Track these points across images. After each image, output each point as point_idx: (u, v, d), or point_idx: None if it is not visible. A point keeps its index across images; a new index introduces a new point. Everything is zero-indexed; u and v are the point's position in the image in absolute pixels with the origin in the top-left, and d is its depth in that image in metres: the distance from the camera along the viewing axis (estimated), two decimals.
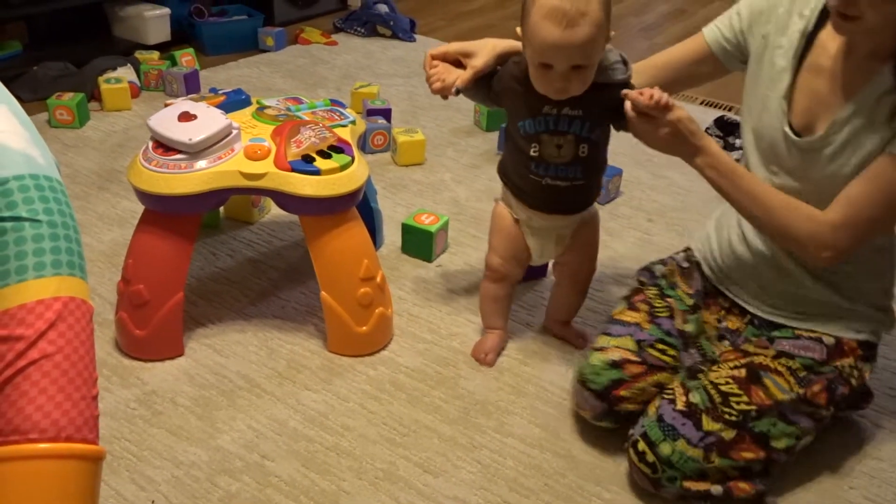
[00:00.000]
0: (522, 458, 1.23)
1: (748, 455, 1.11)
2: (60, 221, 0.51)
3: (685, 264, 1.37)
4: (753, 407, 1.13)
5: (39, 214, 0.50)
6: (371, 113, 2.20)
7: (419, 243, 1.70)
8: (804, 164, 1.14)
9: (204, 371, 1.37)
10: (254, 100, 1.50)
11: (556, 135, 1.23)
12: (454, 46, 1.31)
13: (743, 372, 1.18)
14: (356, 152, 1.39)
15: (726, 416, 1.12)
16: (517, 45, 1.25)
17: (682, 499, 1.13)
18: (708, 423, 1.12)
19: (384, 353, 1.44)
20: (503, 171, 1.36)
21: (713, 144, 1.16)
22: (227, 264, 1.66)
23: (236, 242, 1.74)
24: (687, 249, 1.40)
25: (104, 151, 2.08)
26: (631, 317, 1.29)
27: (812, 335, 1.21)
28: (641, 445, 1.13)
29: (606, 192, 1.93)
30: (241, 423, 1.26)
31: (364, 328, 1.40)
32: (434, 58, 1.32)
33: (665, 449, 1.11)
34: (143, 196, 1.31)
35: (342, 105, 1.57)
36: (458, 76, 1.29)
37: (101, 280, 1.57)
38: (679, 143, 1.14)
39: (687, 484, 1.11)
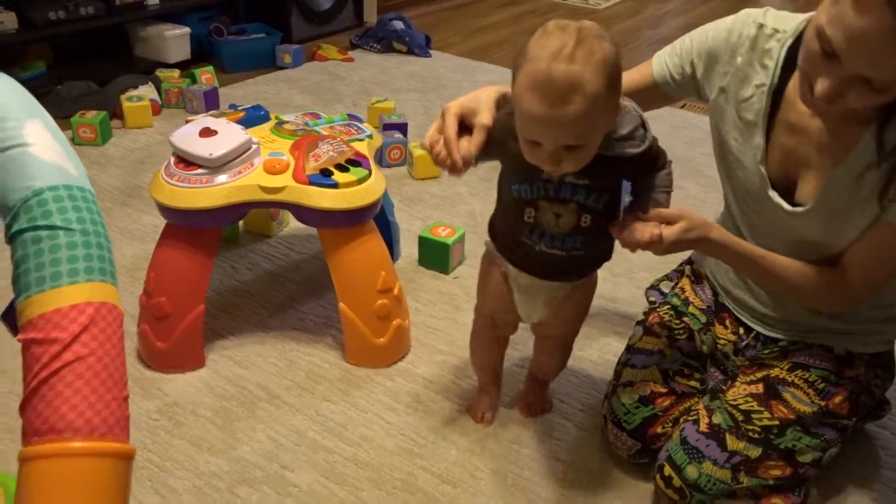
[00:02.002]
0: (541, 469, 1.23)
1: (776, 472, 1.10)
2: (92, 230, 0.54)
3: (693, 277, 1.36)
4: (776, 422, 1.13)
5: (73, 223, 0.53)
6: (388, 127, 2.23)
7: (436, 256, 1.71)
8: (788, 227, 1.12)
9: (224, 382, 1.39)
10: (272, 115, 1.53)
11: (556, 202, 1.04)
12: (452, 115, 1.06)
13: (760, 387, 1.17)
14: (373, 166, 1.41)
15: (750, 434, 1.12)
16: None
17: None
18: (732, 443, 1.11)
19: (402, 364, 1.45)
20: (492, 228, 1.19)
21: (714, 233, 1.07)
22: (247, 277, 1.69)
23: (255, 256, 1.76)
24: (690, 262, 1.40)
25: (126, 168, 2.12)
26: (652, 343, 1.28)
27: (823, 345, 1.20)
28: (668, 470, 1.12)
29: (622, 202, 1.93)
30: (260, 434, 1.28)
31: (382, 339, 1.41)
32: (433, 142, 1.06)
33: (692, 472, 1.10)
34: (165, 210, 1.34)
35: (359, 120, 1.59)
36: (468, 146, 1.04)
37: (123, 293, 1.58)
38: (700, 231, 1.06)
39: None
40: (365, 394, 1.38)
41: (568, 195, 1.03)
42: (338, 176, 1.34)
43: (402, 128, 2.24)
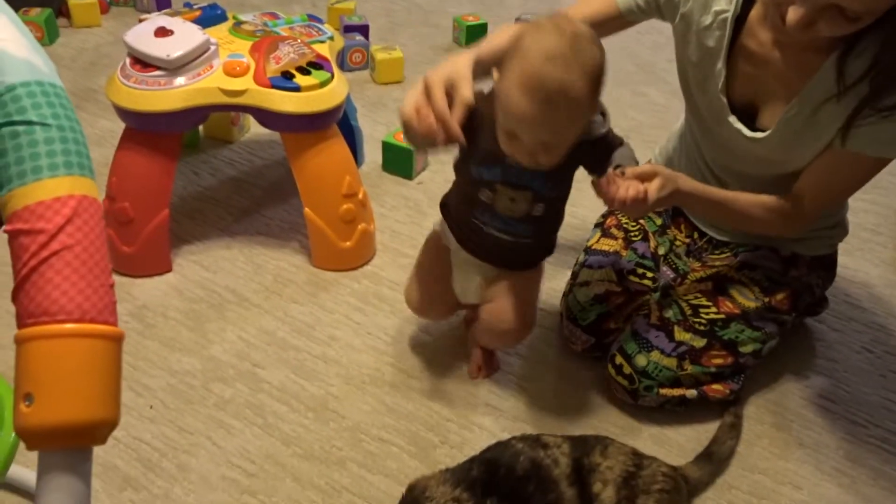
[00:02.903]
0: (501, 363, 1.30)
1: (718, 361, 1.19)
2: (68, 125, 0.55)
3: None
4: (721, 316, 1.20)
5: (48, 119, 0.53)
6: (348, 29, 2.17)
7: (400, 161, 1.72)
8: (748, 149, 1.14)
9: (192, 286, 1.41)
10: (229, 14, 1.48)
11: (514, 188, 1.05)
12: (440, 88, 1.00)
13: (709, 284, 1.24)
14: (335, 69, 1.39)
15: (696, 326, 1.19)
16: (490, 50, 1.03)
17: (660, 406, 1.20)
18: (679, 334, 1.19)
19: (367, 267, 1.48)
20: (445, 206, 1.20)
21: (682, 182, 1.07)
22: (209, 183, 1.68)
23: (217, 161, 1.75)
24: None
25: (77, 70, 2.04)
26: (608, 245, 1.33)
27: (770, 247, 1.27)
28: (619, 359, 1.20)
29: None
30: (231, 335, 1.31)
31: (348, 243, 1.44)
32: (423, 113, 1.00)
33: (641, 360, 1.18)
34: (124, 113, 1.31)
35: (320, 21, 1.55)
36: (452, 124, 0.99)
37: None
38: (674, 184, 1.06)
39: (663, 391, 1.18)
40: (332, 296, 1.41)
41: (525, 181, 1.05)
42: (299, 79, 1.32)
43: (364, 30, 2.19)
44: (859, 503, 1.11)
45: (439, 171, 1.77)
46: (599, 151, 1.04)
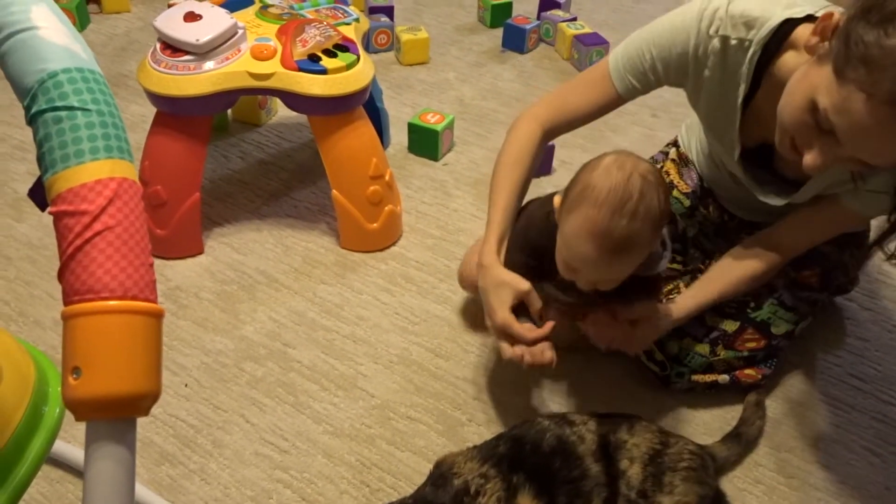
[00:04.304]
0: None
1: (751, 344, 1.18)
2: (107, 110, 0.57)
3: (678, 160, 1.39)
4: (751, 296, 1.19)
5: (89, 104, 0.56)
6: (373, 11, 2.17)
7: (425, 142, 1.73)
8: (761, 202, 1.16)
9: (224, 267, 1.44)
10: None
11: (567, 292, 1.09)
12: (506, 316, 1.05)
13: None
14: (361, 51, 1.40)
15: (727, 310, 1.19)
16: (504, 219, 1.12)
17: (690, 391, 1.20)
18: (711, 319, 1.18)
19: (394, 248, 1.50)
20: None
21: (679, 310, 1.13)
22: (239, 166, 1.70)
23: (246, 145, 1.77)
24: (676, 143, 1.42)
25: (108, 56, 2.07)
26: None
27: None
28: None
29: None
30: (262, 315, 1.34)
31: (375, 225, 1.45)
32: (516, 357, 1.06)
33: (672, 347, 1.17)
34: (155, 98, 1.34)
35: (345, 2, 1.56)
36: (538, 333, 1.05)
37: None
38: (664, 328, 1.13)
39: (695, 378, 1.18)
40: (360, 277, 1.43)
41: (573, 297, 1.09)
42: (326, 61, 1.33)
43: (389, 11, 2.19)
44: (889, 482, 1.11)
45: (465, 153, 1.78)
46: (644, 288, 1.08)
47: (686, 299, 1.15)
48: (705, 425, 1.18)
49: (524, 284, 1.06)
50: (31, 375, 0.64)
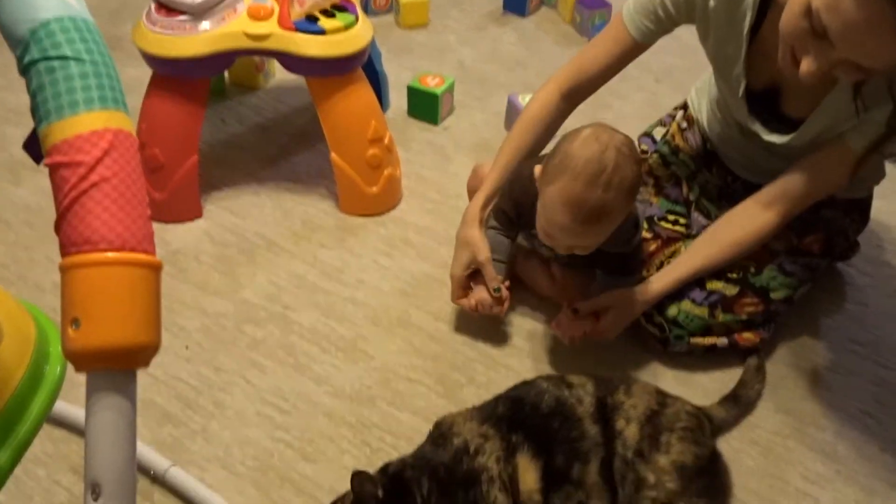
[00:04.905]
0: (529, 308, 1.31)
1: (750, 309, 1.18)
2: (101, 60, 0.56)
3: (684, 124, 1.38)
4: (752, 262, 1.19)
5: (82, 54, 0.55)
6: None
7: (425, 106, 1.71)
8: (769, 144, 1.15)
9: (223, 231, 1.43)
10: None
11: (545, 247, 1.17)
12: (458, 274, 1.20)
13: None
14: (360, 11, 1.37)
15: (728, 275, 1.18)
16: (496, 183, 1.20)
17: (689, 353, 1.21)
18: (711, 283, 1.18)
19: (394, 212, 1.49)
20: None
21: (655, 289, 1.15)
22: (237, 130, 1.69)
23: (243, 108, 1.75)
24: (685, 106, 1.41)
25: (103, 17, 2.04)
26: (640, 192, 1.32)
27: None
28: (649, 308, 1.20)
29: None
30: (261, 278, 1.34)
31: (374, 189, 1.44)
32: (459, 297, 1.22)
33: (672, 310, 1.18)
34: (151, 59, 1.32)
35: None
36: (492, 289, 1.17)
37: None
38: (631, 314, 1.17)
39: (694, 340, 1.19)
40: (360, 240, 1.43)
41: (548, 250, 1.19)
42: (324, 22, 1.31)
43: None
44: (885, 444, 1.12)
45: (465, 116, 1.76)
46: (618, 265, 1.18)
47: (666, 274, 1.16)
48: (703, 387, 1.18)
49: (483, 254, 1.17)
50: (32, 335, 0.64)
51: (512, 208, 1.19)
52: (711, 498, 0.97)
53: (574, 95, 1.21)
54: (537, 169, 1.07)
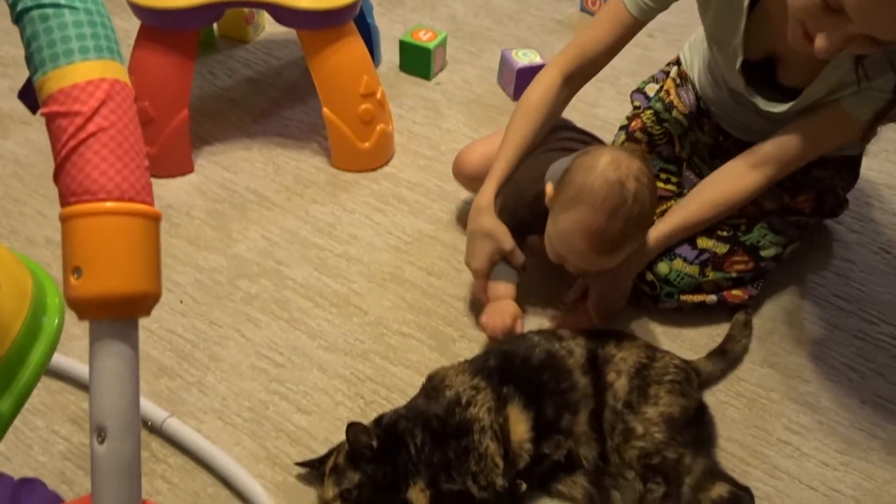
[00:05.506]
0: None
1: (740, 266, 1.20)
2: (94, 9, 0.55)
3: (678, 80, 1.38)
4: (743, 220, 1.20)
5: (76, 2, 0.54)
6: None
7: (417, 61, 1.69)
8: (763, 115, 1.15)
9: (215, 186, 1.43)
10: None
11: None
12: (484, 267, 1.15)
13: None
14: None
15: (719, 233, 1.20)
16: (506, 167, 1.16)
17: (678, 310, 1.22)
18: (702, 241, 1.19)
19: (386, 168, 1.49)
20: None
21: (642, 257, 1.16)
22: (227, 84, 1.67)
23: (233, 62, 1.73)
24: (678, 62, 1.40)
25: None
26: (632, 149, 1.32)
27: None
28: None
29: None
30: (254, 234, 1.34)
31: (366, 144, 1.44)
32: (483, 290, 1.17)
33: (663, 268, 1.19)
34: (139, 10, 1.30)
35: None
36: (509, 278, 1.16)
37: None
38: (631, 273, 1.17)
39: (684, 297, 1.20)
40: (352, 196, 1.43)
41: None
42: None
43: None
44: (865, 397, 1.15)
45: (457, 71, 1.74)
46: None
47: (654, 230, 1.16)
48: (691, 342, 1.21)
49: (508, 244, 1.13)
50: (29, 286, 0.65)
51: (509, 216, 1.16)
52: (697, 448, 0.99)
53: (576, 78, 1.20)
54: (549, 188, 1.07)
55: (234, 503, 0.98)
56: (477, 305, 1.24)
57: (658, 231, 1.17)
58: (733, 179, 1.16)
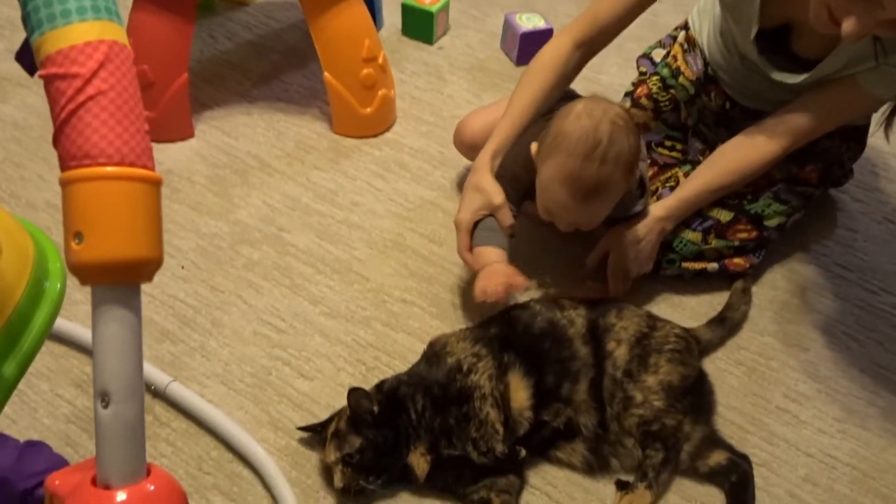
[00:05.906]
0: (524, 233, 1.32)
1: (743, 235, 1.19)
2: None
3: (686, 45, 1.35)
4: (749, 189, 1.20)
5: None
6: None
7: (420, 25, 1.67)
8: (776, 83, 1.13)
9: (216, 151, 1.42)
10: None
11: None
12: (467, 219, 1.11)
13: None
14: None
15: (725, 200, 1.19)
16: (505, 138, 1.13)
17: (679, 277, 1.22)
18: (707, 208, 1.19)
19: (388, 134, 1.48)
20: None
21: (665, 222, 1.15)
22: (227, 47, 1.65)
23: (233, 24, 1.70)
24: (686, 26, 1.38)
25: None
26: (638, 116, 1.30)
27: None
28: None
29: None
30: (256, 199, 1.34)
31: (368, 109, 1.42)
32: (466, 247, 1.12)
33: None
34: None
35: None
36: (500, 244, 1.11)
37: None
38: (652, 235, 1.15)
39: (685, 265, 1.20)
40: (354, 162, 1.42)
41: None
42: None
43: None
44: (865, 365, 1.15)
45: (460, 36, 1.72)
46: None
47: (672, 198, 1.16)
48: (692, 310, 1.21)
49: (497, 199, 1.10)
50: (31, 250, 0.64)
51: (508, 183, 1.13)
52: (696, 415, 1.00)
53: (590, 45, 1.17)
54: (534, 146, 1.07)
55: (237, 467, 0.99)
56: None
57: (680, 196, 1.16)
58: (754, 147, 1.15)
